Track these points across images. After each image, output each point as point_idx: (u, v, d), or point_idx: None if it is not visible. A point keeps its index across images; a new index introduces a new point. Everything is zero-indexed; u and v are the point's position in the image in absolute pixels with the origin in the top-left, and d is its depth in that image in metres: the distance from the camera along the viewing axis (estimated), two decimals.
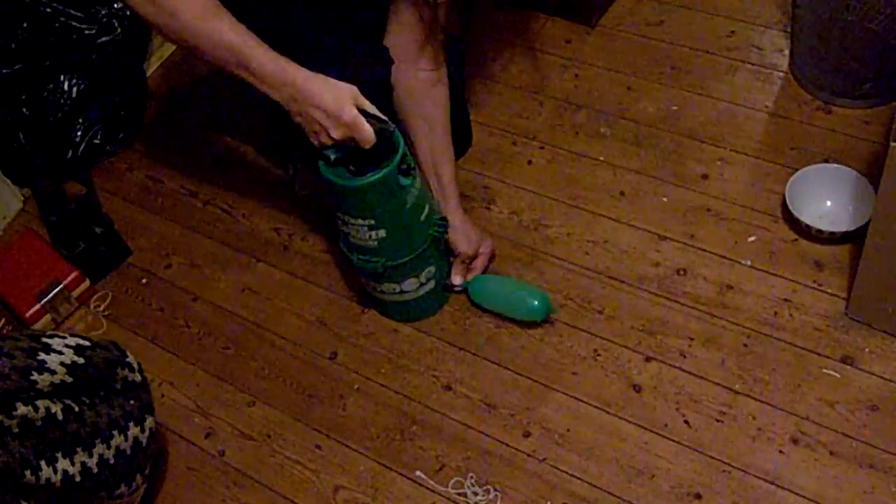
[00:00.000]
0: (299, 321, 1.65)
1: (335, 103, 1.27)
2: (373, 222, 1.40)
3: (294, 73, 1.27)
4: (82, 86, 1.91)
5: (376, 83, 1.45)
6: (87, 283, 1.75)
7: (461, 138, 1.80)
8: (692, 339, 1.49)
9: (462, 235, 1.57)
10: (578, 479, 1.38)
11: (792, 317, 1.49)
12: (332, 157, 1.36)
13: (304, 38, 1.40)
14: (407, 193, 1.40)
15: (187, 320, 1.70)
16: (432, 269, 1.53)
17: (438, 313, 1.60)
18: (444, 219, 1.52)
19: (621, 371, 1.48)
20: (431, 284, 1.55)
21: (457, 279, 1.59)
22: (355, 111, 1.27)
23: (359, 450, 1.47)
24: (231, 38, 1.26)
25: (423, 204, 1.45)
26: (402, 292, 1.53)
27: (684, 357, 1.47)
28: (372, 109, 1.30)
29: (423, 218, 1.46)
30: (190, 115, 2.07)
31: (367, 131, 1.28)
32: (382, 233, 1.41)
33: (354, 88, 1.29)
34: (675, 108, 1.81)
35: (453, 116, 1.63)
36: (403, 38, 1.47)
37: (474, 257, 1.60)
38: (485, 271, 1.61)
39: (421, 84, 1.52)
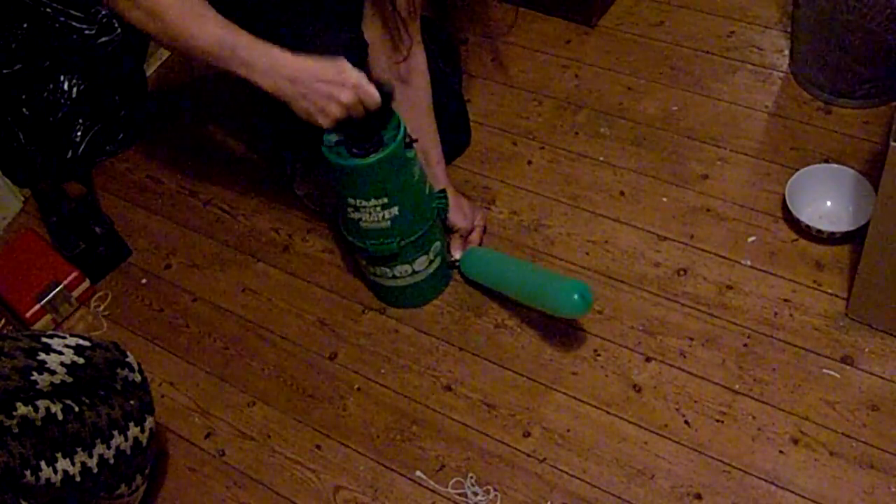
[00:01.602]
0: (299, 321, 1.65)
1: (335, 70, 1.29)
2: (386, 200, 1.41)
3: (286, 57, 1.29)
4: (82, 86, 1.91)
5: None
6: (87, 283, 1.75)
7: (459, 137, 1.80)
8: (692, 339, 1.49)
9: (457, 210, 1.60)
10: (578, 479, 1.38)
11: (792, 317, 1.49)
12: (334, 139, 1.38)
13: (281, 25, 1.40)
14: (413, 166, 1.43)
15: (187, 320, 1.70)
16: (438, 244, 1.56)
17: (439, 313, 1.60)
18: (443, 191, 1.56)
19: (621, 371, 1.48)
20: (438, 261, 1.57)
21: (457, 253, 1.62)
22: (356, 72, 1.30)
23: (359, 450, 1.47)
24: (218, 33, 1.28)
25: (424, 176, 1.48)
26: (413, 273, 1.54)
27: (684, 357, 1.47)
28: (364, 77, 1.32)
29: (427, 190, 1.49)
30: (190, 115, 2.07)
31: (374, 90, 1.31)
32: (395, 210, 1.43)
33: (343, 58, 1.31)
34: (675, 108, 1.81)
35: (450, 115, 1.63)
36: (379, 21, 1.49)
37: (471, 230, 1.63)
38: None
39: (400, 67, 1.53)
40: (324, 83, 1.28)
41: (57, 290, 1.71)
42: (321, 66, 1.29)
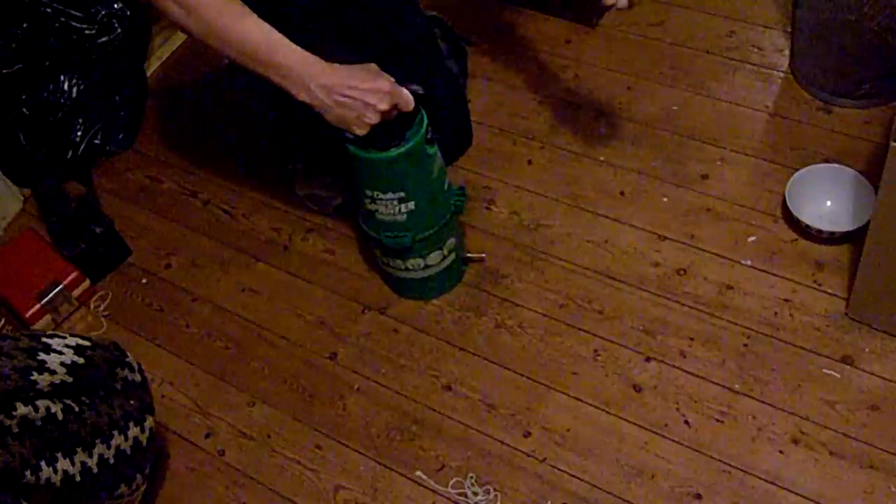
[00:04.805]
0: (299, 321, 1.65)
1: (370, 77, 1.29)
2: (403, 194, 1.41)
3: (320, 64, 1.28)
4: (82, 86, 1.91)
5: None
6: (87, 283, 1.75)
7: (461, 137, 1.80)
8: (692, 339, 1.49)
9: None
10: (578, 479, 1.38)
11: (792, 317, 1.49)
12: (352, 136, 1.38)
13: (292, 31, 1.40)
14: (433, 163, 1.43)
15: (187, 320, 1.70)
16: (453, 240, 1.56)
17: (439, 313, 1.60)
18: (462, 188, 1.55)
19: (621, 371, 1.48)
20: (452, 257, 1.57)
21: None
22: (391, 79, 1.30)
23: (359, 450, 1.47)
24: (256, 36, 1.26)
25: (444, 173, 1.48)
26: (426, 267, 1.54)
27: (684, 357, 1.47)
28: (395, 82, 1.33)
29: (445, 187, 1.49)
30: (190, 115, 2.07)
31: (408, 94, 1.31)
32: (412, 205, 1.43)
33: (374, 63, 1.32)
34: (675, 108, 1.81)
35: (454, 116, 1.63)
36: None
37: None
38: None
39: None
40: (360, 91, 1.27)
41: (57, 290, 1.70)
42: (355, 74, 1.28)
